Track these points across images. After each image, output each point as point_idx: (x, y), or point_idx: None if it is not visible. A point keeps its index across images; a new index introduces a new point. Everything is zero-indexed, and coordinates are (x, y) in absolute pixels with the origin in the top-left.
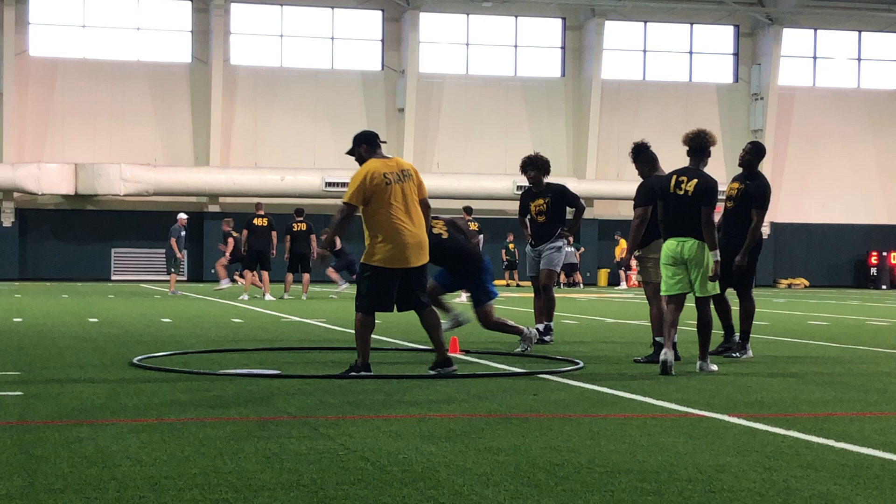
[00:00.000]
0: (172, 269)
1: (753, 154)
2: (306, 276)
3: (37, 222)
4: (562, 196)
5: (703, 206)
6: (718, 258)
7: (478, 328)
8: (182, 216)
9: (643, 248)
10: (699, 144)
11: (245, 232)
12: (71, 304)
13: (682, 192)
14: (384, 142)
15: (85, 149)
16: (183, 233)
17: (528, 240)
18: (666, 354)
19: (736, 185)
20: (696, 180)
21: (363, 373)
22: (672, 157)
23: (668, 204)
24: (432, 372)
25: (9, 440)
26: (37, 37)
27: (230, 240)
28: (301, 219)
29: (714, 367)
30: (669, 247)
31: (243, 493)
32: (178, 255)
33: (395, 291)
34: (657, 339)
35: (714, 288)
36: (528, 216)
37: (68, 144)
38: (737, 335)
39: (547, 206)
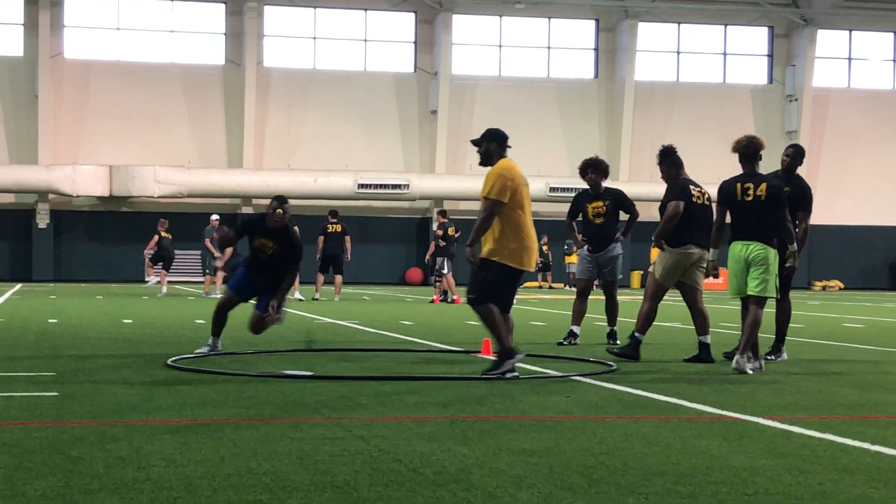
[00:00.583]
0: (208, 271)
1: (796, 157)
2: (339, 278)
3: (71, 224)
4: (621, 200)
5: (777, 209)
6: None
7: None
8: (214, 217)
9: (673, 249)
10: (753, 150)
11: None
12: (105, 305)
13: (750, 198)
14: (509, 147)
15: (119, 151)
16: (216, 234)
17: (581, 242)
18: (754, 361)
19: (764, 185)
20: (765, 184)
21: (517, 355)
22: (706, 160)
23: (735, 210)
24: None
25: (44, 441)
26: (71, 39)
27: (155, 237)
28: (335, 220)
29: (749, 370)
30: (736, 250)
31: (277, 494)
32: (216, 254)
33: (514, 292)
34: (637, 333)
35: (773, 291)
36: (581, 218)
37: (103, 146)
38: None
39: (606, 208)
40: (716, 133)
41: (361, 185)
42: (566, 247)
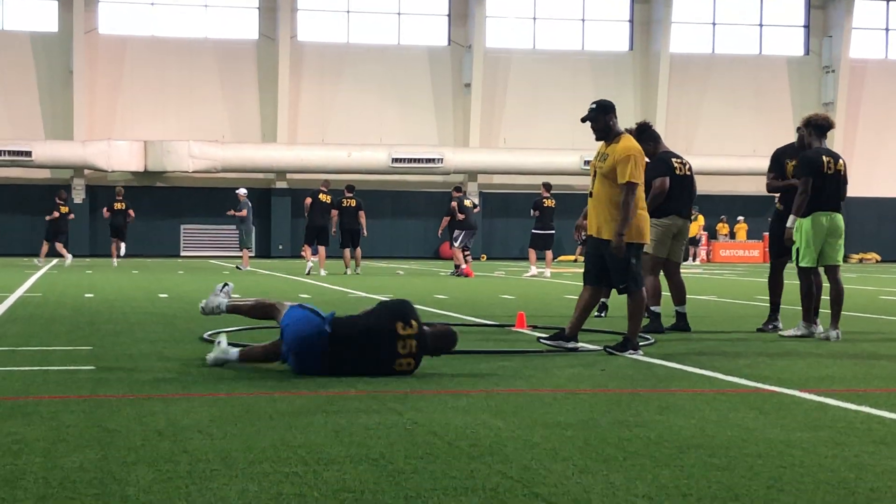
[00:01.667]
0: (247, 246)
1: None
2: (358, 251)
3: (107, 199)
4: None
5: (845, 184)
6: None
7: (545, 303)
8: (241, 191)
9: (657, 220)
10: (829, 126)
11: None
12: (141, 279)
13: (832, 172)
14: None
15: (154, 126)
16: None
17: None
18: (829, 331)
19: (841, 161)
20: (841, 160)
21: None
22: (742, 132)
23: (819, 181)
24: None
25: (82, 414)
26: (106, 15)
27: (55, 213)
28: (351, 195)
29: (835, 334)
30: (820, 221)
31: (312, 467)
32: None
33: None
34: (652, 308)
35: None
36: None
37: (137, 122)
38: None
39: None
40: (751, 105)
41: (395, 159)
42: None
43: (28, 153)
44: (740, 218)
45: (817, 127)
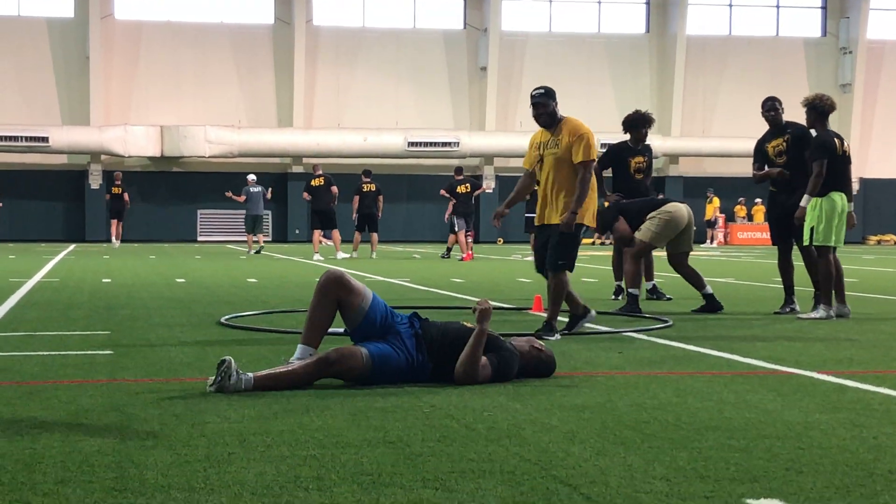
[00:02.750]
0: (250, 231)
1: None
2: (374, 236)
3: (124, 184)
4: (652, 157)
5: (850, 165)
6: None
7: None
8: (249, 177)
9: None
10: (832, 109)
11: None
12: (158, 264)
13: (840, 153)
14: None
15: (170, 111)
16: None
17: (614, 197)
18: (838, 309)
19: (847, 144)
20: (847, 143)
21: (590, 314)
22: (759, 114)
23: (833, 163)
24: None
25: (100, 398)
26: (122, 0)
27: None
28: (369, 179)
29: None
30: (838, 201)
31: (330, 450)
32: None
33: None
34: (632, 290)
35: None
36: (620, 172)
37: (154, 107)
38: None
39: (647, 164)
40: (768, 87)
41: (411, 144)
42: None
43: (45, 139)
44: (758, 200)
45: (822, 112)
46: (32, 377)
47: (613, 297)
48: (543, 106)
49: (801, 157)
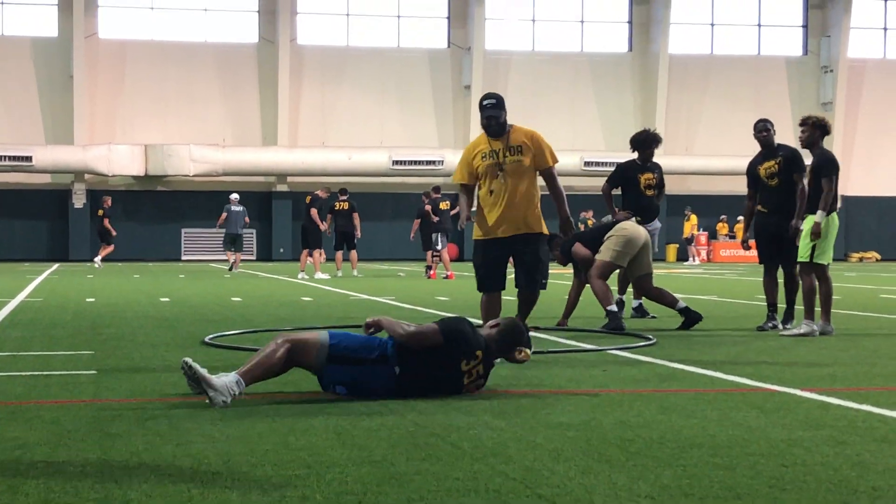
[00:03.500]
0: (228, 249)
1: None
2: (353, 253)
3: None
4: (662, 174)
5: None
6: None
7: (546, 304)
8: (231, 196)
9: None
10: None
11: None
12: (142, 283)
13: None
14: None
15: (154, 130)
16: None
17: (624, 214)
18: (822, 326)
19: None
20: None
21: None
22: (741, 132)
23: (836, 181)
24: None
25: (84, 418)
26: (106, 19)
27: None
28: (345, 198)
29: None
30: (835, 220)
31: (315, 469)
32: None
33: None
34: (608, 308)
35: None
36: (631, 190)
37: (138, 126)
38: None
39: (657, 180)
40: (751, 106)
41: (396, 162)
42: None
43: (29, 158)
44: (740, 218)
45: (826, 131)
46: (16, 397)
47: (635, 314)
48: (496, 116)
49: (792, 178)
